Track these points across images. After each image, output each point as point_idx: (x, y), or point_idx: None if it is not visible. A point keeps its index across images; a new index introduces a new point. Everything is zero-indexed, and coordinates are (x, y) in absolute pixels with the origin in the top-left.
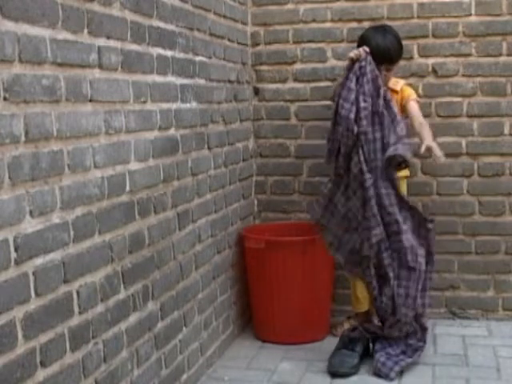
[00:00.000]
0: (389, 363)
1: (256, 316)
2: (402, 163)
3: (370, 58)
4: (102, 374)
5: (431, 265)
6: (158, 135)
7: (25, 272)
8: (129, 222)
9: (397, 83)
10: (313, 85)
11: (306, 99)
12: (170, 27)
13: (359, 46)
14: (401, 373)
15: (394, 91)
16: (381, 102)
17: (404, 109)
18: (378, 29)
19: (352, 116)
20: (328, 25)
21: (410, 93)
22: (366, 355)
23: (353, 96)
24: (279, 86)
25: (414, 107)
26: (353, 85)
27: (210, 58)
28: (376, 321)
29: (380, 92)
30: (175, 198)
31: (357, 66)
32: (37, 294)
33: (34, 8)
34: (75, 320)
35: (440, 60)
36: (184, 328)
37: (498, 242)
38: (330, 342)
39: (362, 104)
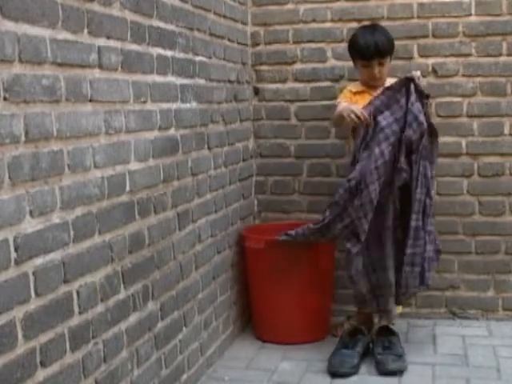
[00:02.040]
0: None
1: (256, 316)
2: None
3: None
4: (102, 373)
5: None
6: (158, 135)
7: (25, 272)
8: (129, 222)
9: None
10: (313, 85)
11: (306, 99)
12: (170, 27)
13: (350, 46)
14: (401, 372)
15: None
16: None
17: None
18: (366, 27)
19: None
20: (328, 25)
21: None
22: (366, 355)
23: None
24: (279, 86)
25: None
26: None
27: (210, 58)
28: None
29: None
30: (175, 198)
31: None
32: (37, 294)
33: (34, 8)
34: (75, 320)
35: (440, 60)
36: (184, 328)
37: (497, 242)
38: (330, 342)
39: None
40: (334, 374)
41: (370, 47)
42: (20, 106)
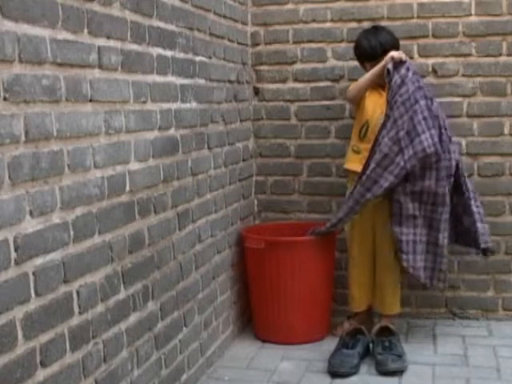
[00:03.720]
0: None
1: (256, 316)
2: None
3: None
4: (101, 373)
5: None
6: (158, 135)
7: (25, 272)
8: (129, 222)
9: None
10: (313, 85)
11: (306, 99)
12: (170, 27)
13: (355, 50)
14: (401, 372)
15: None
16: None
17: None
18: (368, 30)
19: None
20: (328, 25)
21: None
22: (366, 355)
23: None
24: (279, 85)
25: None
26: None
27: (210, 58)
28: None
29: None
30: (175, 198)
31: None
32: (37, 294)
33: (34, 8)
34: (75, 320)
35: (440, 60)
36: (184, 328)
37: (497, 242)
38: (330, 342)
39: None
40: (334, 374)
41: (375, 48)
42: (20, 106)
